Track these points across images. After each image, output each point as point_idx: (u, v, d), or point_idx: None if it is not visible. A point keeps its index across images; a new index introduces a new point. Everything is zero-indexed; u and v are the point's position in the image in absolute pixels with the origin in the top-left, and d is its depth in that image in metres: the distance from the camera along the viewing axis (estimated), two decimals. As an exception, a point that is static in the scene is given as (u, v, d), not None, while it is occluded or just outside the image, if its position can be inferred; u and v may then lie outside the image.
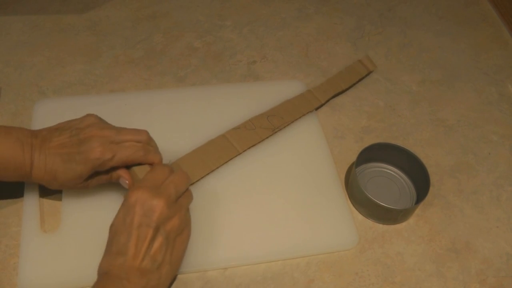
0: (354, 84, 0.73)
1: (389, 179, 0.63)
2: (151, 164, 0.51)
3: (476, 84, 0.77)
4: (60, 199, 0.55)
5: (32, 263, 0.50)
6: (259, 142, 0.62)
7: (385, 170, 0.63)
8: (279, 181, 0.60)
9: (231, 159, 0.60)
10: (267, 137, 0.63)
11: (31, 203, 0.54)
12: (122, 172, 0.51)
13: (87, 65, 0.72)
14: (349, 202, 0.60)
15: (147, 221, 0.43)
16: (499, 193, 0.63)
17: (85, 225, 0.53)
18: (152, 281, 0.43)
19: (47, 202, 0.56)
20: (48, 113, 0.63)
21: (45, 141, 0.48)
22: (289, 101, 0.67)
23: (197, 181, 0.57)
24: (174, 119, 0.64)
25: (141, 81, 0.70)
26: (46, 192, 0.55)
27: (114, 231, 0.44)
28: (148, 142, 0.51)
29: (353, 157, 0.64)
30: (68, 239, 0.52)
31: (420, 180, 0.60)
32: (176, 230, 0.46)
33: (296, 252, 0.54)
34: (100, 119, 0.52)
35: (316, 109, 0.69)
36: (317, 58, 0.77)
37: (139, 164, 0.51)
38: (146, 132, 0.52)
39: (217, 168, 0.59)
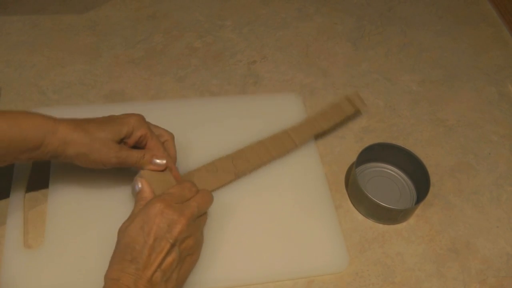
0: (338, 124, 0.65)
1: (389, 179, 0.63)
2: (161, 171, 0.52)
3: (476, 84, 0.77)
4: (44, 213, 0.54)
5: (15, 281, 0.49)
6: (219, 188, 0.57)
7: (385, 170, 0.63)
8: (271, 203, 0.58)
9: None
10: (229, 182, 0.57)
11: (15, 216, 0.53)
12: (151, 155, 0.51)
13: (87, 65, 0.72)
14: (350, 203, 0.60)
15: (167, 235, 0.43)
16: (499, 193, 0.63)
17: (70, 240, 0.52)
18: None
19: (31, 216, 0.55)
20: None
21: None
22: (261, 142, 0.60)
23: None
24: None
25: (141, 81, 0.70)
26: (30, 205, 0.55)
27: (129, 236, 0.44)
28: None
29: (353, 157, 0.64)
30: (52, 256, 0.51)
31: (420, 180, 0.60)
32: (189, 250, 0.46)
33: (283, 275, 0.53)
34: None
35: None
36: (317, 58, 0.77)
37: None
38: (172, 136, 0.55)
39: None
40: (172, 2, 0.83)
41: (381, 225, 0.59)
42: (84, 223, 0.54)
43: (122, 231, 0.45)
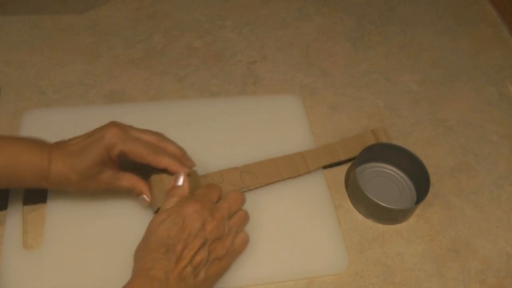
0: (356, 157, 0.60)
1: (389, 179, 0.63)
2: (167, 172, 0.51)
3: (476, 84, 0.77)
4: (43, 214, 0.54)
5: (13, 282, 0.49)
6: None
7: (385, 170, 0.63)
8: (270, 205, 0.58)
9: None
10: None
11: (14, 217, 0.53)
12: (143, 188, 0.52)
13: (87, 65, 0.72)
14: (350, 203, 0.60)
15: (200, 233, 0.45)
16: (499, 193, 0.63)
17: (69, 241, 0.52)
18: None
19: (31, 216, 0.55)
20: (35, 125, 0.62)
21: (62, 143, 0.50)
22: (273, 160, 0.59)
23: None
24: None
25: (141, 81, 0.70)
26: (29, 205, 0.55)
27: (164, 231, 0.45)
28: (160, 142, 0.52)
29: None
30: (51, 257, 0.51)
31: (420, 180, 0.60)
32: (217, 253, 0.47)
33: (282, 276, 0.53)
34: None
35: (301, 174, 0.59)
36: (317, 58, 0.77)
37: (155, 171, 0.52)
38: (161, 134, 0.53)
39: None
40: (172, 2, 0.83)
41: (381, 225, 0.59)
42: (83, 224, 0.54)
43: (156, 225, 0.46)
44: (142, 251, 0.45)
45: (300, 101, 0.70)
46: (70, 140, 0.50)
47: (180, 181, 0.50)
